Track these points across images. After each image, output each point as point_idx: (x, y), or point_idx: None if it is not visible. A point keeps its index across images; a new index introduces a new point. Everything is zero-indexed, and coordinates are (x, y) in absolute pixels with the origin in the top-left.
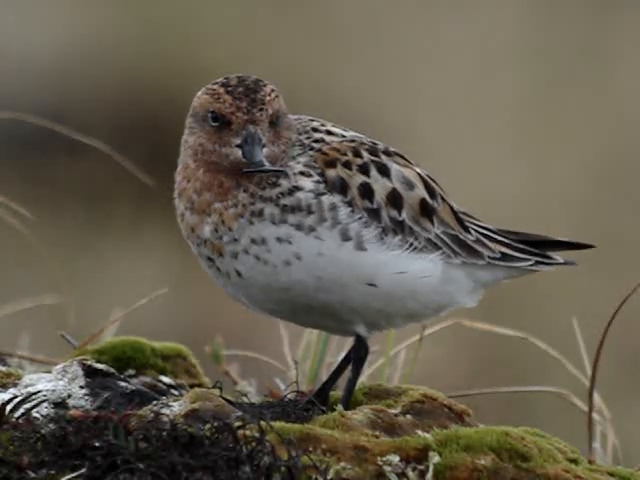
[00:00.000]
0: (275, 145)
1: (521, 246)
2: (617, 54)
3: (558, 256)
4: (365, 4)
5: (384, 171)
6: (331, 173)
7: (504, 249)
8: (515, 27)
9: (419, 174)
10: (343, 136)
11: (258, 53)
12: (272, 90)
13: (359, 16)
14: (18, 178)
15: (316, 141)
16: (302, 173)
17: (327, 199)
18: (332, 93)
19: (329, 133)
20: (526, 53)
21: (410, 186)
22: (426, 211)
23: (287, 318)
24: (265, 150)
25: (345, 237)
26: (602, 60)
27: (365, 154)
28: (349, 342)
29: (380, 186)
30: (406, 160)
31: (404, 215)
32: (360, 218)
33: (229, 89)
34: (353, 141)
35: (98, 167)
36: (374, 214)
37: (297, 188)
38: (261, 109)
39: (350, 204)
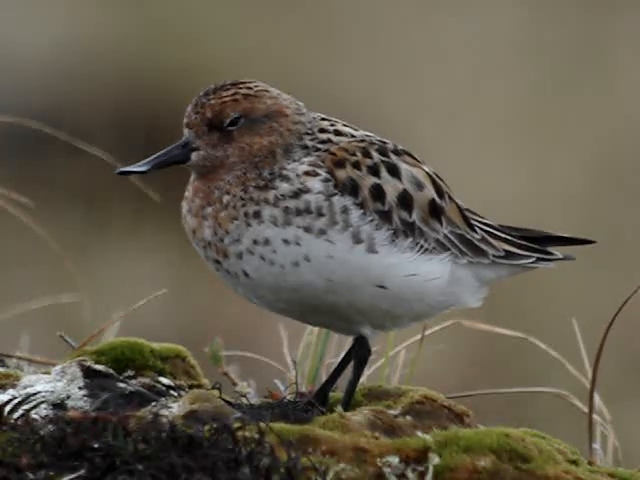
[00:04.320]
0: (220, 149)
1: (523, 243)
2: (617, 54)
3: (557, 252)
4: (365, 4)
5: (394, 172)
6: (341, 174)
7: (507, 247)
8: (515, 27)
9: (427, 173)
10: (352, 136)
11: (258, 53)
12: (234, 93)
13: (359, 16)
14: (18, 178)
15: (322, 142)
16: (307, 173)
17: (338, 201)
18: (332, 93)
19: (338, 133)
20: (526, 53)
21: (420, 186)
22: (435, 211)
23: (296, 317)
24: (199, 154)
25: (357, 240)
26: (602, 60)
27: (375, 154)
28: (348, 342)
29: (391, 187)
30: (414, 159)
31: (414, 216)
32: (372, 220)
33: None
34: (362, 141)
35: (98, 167)
36: (385, 216)
37: (303, 190)
38: (197, 112)
39: (361, 206)
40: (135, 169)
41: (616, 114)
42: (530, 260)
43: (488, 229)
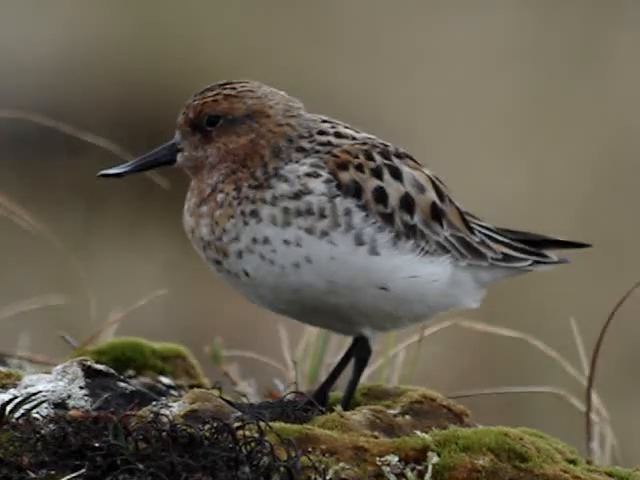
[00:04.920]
0: (200, 149)
1: (520, 246)
2: (617, 54)
3: (553, 255)
4: (365, 5)
5: (397, 174)
6: (344, 176)
7: (505, 249)
8: (515, 27)
9: (428, 176)
10: (354, 138)
11: (258, 54)
12: (216, 94)
13: (359, 17)
14: (18, 178)
15: (322, 144)
16: (309, 174)
17: (341, 203)
18: (332, 94)
19: (338, 135)
20: (526, 53)
21: (421, 189)
22: (436, 214)
23: (296, 318)
24: (183, 155)
25: (359, 242)
26: (602, 60)
27: (377, 157)
28: (348, 342)
29: (393, 190)
30: (415, 162)
31: (416, 219)
32: (374, 223)
33: None
34: (365, 143)
35: (98, 167)
36: (388, 219)
37: (304, 192)
38: (183, 113)
39: (364, 208)
40: (111, 172)
41: (615, 114)
42: (527, 263)
43: (487, 232)
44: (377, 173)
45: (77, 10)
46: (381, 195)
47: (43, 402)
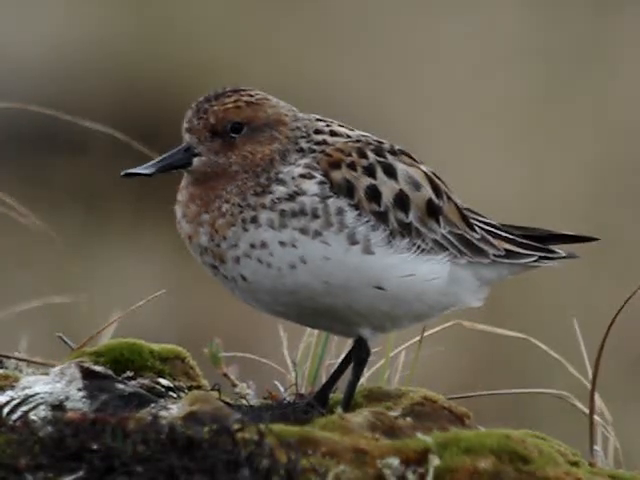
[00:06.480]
0: (222, 156)
1: (524, 241)
2: (617, 54)
3: (561, 250)
4: (365, 4)
5: (390, 172)
6: (336, 175)
7: (508, 246)
8: (515, 27)
9: (425, 173)
10: (348, 136)
11: (258, 52)
12: (236, 100)
13: (359, 16)
14: (17, 178)
15: (318, 143)
16: (303, 176)
17: (333, 203)
18: (332, 93)
19: (333, 134)
20: (526, 53)
21: (417, 186)
22: (432, 211)
23: (294, 320)
24: (201, 159)
25: (352, 241)
26: (602, 60)
27: (370, 154)
28: (349, 343)
29: (387, 188)
30: (412, 158)
31: (411, 217)
32: (367, 221)
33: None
34: (358, 141)
35: (97, 168)
36: (381, 217)
37: (298, 193)
38: (200, 118)
39: (357, 207)
40: (141, 171)
41: (617, 114)
42: (532, 259)
43: (488, 228)
44: (370, 171)
45: (77, 9)
46: (374, 193)
47: (41, 404)
